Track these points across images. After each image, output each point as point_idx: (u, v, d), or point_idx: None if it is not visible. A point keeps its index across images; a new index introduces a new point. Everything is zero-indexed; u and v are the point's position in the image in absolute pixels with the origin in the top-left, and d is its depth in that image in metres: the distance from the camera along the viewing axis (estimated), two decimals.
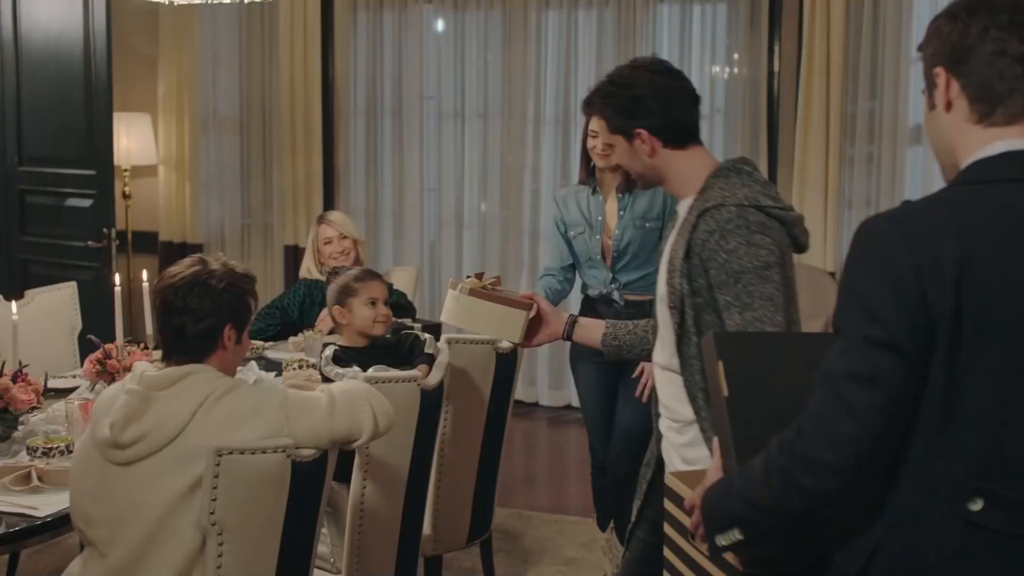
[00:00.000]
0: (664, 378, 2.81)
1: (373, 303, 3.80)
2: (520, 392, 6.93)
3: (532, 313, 3.15)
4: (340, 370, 3.61)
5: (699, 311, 2.64)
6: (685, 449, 2.76)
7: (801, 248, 2.76)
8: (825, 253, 6.37)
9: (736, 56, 6.62)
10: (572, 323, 3.17)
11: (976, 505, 1.73)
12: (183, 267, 2.80)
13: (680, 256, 2.64)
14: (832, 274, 6.31)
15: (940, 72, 1.85)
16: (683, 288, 2.64)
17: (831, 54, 6.23)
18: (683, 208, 2.77)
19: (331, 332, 4.24)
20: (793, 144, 6.41)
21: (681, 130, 2.76)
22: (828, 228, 6.36)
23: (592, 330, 3.16)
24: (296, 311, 5.02)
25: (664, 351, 2.78)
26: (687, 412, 2.72)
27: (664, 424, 2.84)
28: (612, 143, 2.88)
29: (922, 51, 1.90)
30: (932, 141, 1.93)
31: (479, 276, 3.39)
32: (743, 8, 6.51)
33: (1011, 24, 1.80)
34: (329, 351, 3.72)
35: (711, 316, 2.63)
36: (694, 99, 2.80)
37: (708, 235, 2.59)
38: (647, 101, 2.73)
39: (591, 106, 2.88)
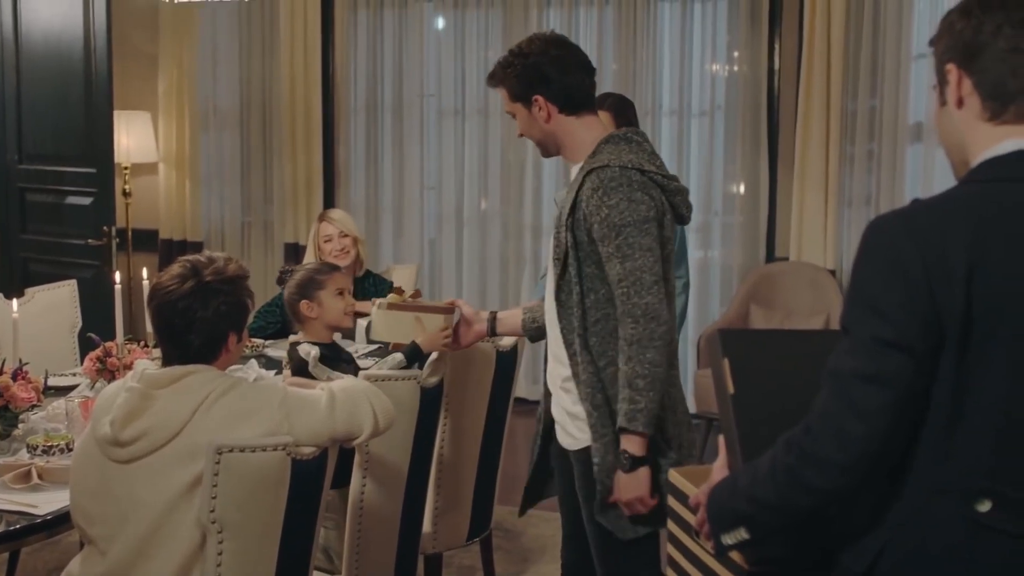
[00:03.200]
0: (552, 334, 3.03)
1: (341, 294, 3.77)
2: (524, 390, 6.92)
3: (457, 317, 3.45)
4: (332, 372, 3.56)
5: (581, 263, 2.86)
6: (571, 404, 2.99)
7: (682, 220, 2.99)
8: (825, 251, 6.35)
9: (736, 53, 6.60)
10: (493, 318, 3.43)
11: (984, 506, 1.72)
12: (176, 279, 2.75)
13: (566, 212, 2.87)
14: (832, 272, 6.30)
15: (952, 69, 1.83)
16: (567, 241, 2.86)
17: (831, 51, 6.22)
18: (574, 171, 2.98)
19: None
20: (793, 141, 6.39)
21: (576, 97, 2.94)
22: (828, 226, 6.34)
23: (512, 319, 3.41)
24: None
25: (550, 307, 3.01)
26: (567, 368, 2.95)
27: (552, 379, 3.10)
28: (513, 111, 3.03)
29: (933, 47, 1.88)
30: (942, 138, 1.91)
31: (399, 291, 3.57)
32: (744, 5, 6.49)
33: None
34: (314, 351, 3.63)
35: (591, 268, 2.85)
36: (588, 69, 2.98)
37: (592, 192, 2.81)
38: (544, 70, 2.93)
39: (493, 78, 3.07)
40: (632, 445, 2.79)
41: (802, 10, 6.29)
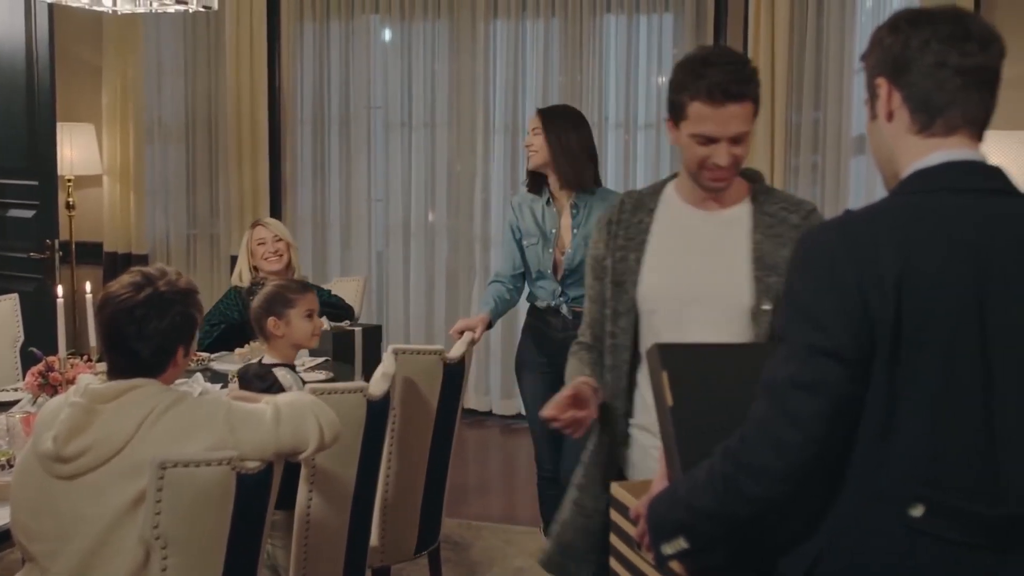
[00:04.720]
0: None
1: (310, 315, 3.76)
2: (473, 401, 6.93)
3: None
4: None
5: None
6: None
7: None
8: None
9: None
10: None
11: (917, 511, 1.74)
12: (129, 288, 2.73)
13: (782, 256, 2.58)
14: None
15: (882, 82, 1.88)
16: (779, 288, 2.52)
17: (775, 65, 6.27)
18: (739, 209, 2.72)
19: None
20: None
21: None
22: None
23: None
24: (236, 314, 4.97)
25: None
26: None
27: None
28: (745, 132, 2.62)
29: (864, 61, 1.93)
30: (874, 150, 1.95)
31: None
32: (689, 19, 6.54)
33: (951, 36, 1.82)
34: (289, 379, 3.60)
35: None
36: None
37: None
38: None
39: (753, 93, 2.61)
40: None
41: (746, 24, 6.34)
